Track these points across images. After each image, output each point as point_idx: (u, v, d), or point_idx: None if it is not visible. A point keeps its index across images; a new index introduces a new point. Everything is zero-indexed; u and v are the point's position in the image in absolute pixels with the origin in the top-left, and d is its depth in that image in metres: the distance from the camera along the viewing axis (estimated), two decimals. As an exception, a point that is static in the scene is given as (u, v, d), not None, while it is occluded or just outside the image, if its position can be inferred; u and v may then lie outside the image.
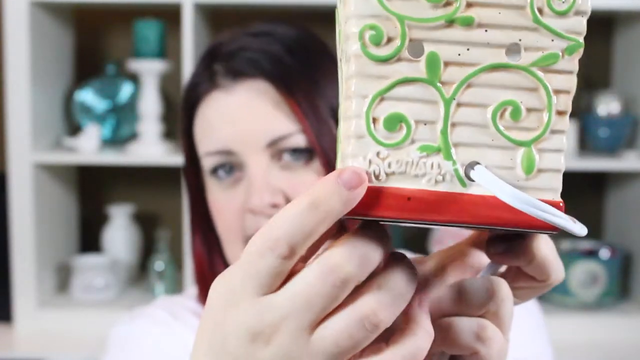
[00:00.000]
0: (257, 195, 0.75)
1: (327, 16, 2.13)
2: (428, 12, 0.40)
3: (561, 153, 0.42)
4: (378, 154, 0.40)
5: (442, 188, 0.41)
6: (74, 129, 2.17)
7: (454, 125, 0.41)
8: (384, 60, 0.40)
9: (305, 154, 0.77)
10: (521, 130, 0.42)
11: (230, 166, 0.79)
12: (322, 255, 0.40)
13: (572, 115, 2.14)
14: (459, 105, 0.41)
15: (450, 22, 0.40)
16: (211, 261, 0.87)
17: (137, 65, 1.99)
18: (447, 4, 0.40)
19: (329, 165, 0.76)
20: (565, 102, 0.42)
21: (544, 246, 0.46)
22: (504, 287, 0.46)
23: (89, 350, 1.84)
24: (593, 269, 2.04)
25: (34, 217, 1.94)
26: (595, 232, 2.32)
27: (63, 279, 2.11)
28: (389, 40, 0.40)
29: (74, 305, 2.02)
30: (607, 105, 2.07)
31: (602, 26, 2.24)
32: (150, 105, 2.00)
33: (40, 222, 1.97)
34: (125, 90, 2.12)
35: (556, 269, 0.47)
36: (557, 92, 0.42)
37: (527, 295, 0.50)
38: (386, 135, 0.41)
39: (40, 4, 1.95)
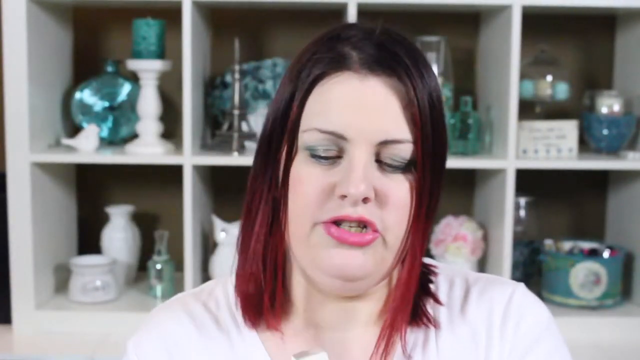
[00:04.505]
0: (355, 184, 0.76)
1: (326, 14, 2.13)
2: None
3: None
4: None
5: None
6: (73, 129, 2.16)
7: None
8: None
9: (405, 163, 0.79)
10: None
11: (332, 148, 0.79)
12: None
13: (573, 114, 2.14)
14: None
15: None
16: (270, 238, 0.83)
17: (136, 64, 1.98)
18: None
19: (422, 179, 0.79)
20: None
21: None
22: None
23: (88, 352, 1.83)
24: (594, 269, 2.03)
25: (32, 217, 1.92)
26: (596, 232, 2.31)
27: (62, 280, 2.10)
28: None
29: (73, 306, 2.01)
30: (609, 105, 2.06)
31: (604, 25, 2.23)
32: (149, 105, 1.99)
33: (39, 223, 1.96)
34: (124, 90, 2.11)
35: None
36: None
37: None
38: None
39: (38, 2, 1.94)
